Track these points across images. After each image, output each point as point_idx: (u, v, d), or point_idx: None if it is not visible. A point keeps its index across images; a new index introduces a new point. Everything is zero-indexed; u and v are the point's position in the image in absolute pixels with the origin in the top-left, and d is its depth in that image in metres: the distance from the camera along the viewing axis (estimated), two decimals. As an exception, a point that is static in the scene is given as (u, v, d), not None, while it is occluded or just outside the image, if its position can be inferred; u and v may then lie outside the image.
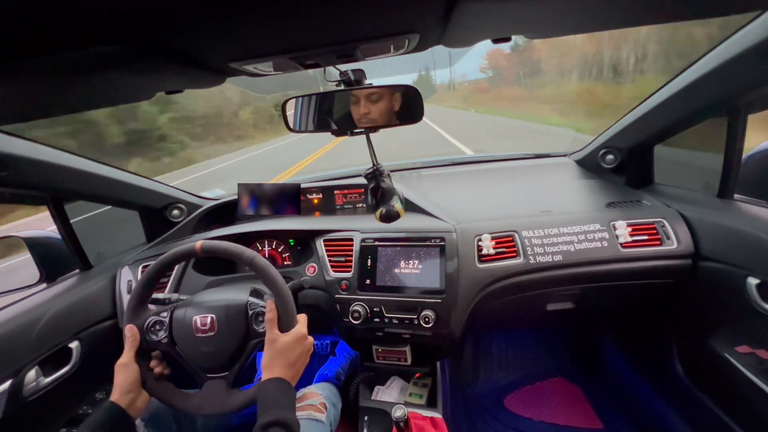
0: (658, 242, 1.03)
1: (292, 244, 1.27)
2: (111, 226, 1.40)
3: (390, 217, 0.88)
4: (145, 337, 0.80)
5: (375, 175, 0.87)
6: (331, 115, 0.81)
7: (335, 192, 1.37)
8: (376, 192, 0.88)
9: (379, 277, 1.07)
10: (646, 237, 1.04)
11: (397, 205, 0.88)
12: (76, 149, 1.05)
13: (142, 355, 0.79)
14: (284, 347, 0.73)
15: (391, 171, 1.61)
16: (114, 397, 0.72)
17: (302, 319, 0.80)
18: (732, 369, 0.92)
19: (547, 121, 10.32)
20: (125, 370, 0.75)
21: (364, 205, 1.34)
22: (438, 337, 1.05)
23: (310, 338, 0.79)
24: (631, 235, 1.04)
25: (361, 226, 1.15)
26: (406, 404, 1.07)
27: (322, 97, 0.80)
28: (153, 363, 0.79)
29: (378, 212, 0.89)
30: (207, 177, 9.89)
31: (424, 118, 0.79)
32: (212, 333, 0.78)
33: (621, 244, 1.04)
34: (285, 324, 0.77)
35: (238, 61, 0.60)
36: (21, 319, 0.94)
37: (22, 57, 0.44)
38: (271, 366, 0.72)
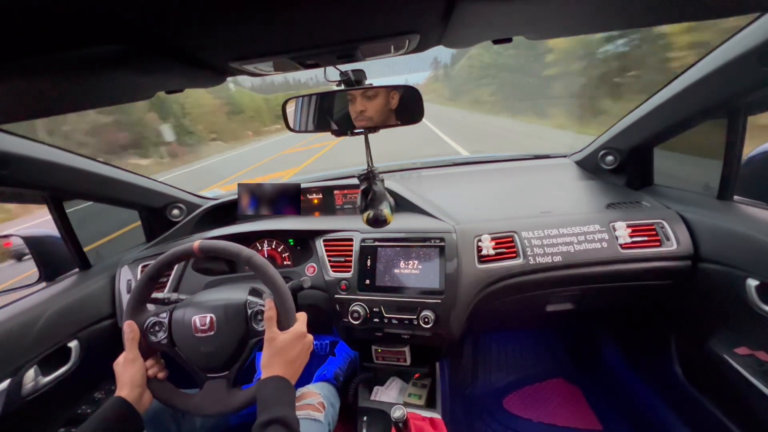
0: (658, 243, 1.03)
1: (291, 244, 1.27)
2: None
3: (377, 221, 0.88)
4: (145, 337, 0.80)
5: (368, 177, 0.87)
6: (331, 115, 0.81)
7: (335, 192, 1.37)
8: (366, 195, 0.88)
9: (379, 278, 1.07)
10: (645, 238, 1.04)
11: (386, 210, 0.88)
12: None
13: (142, 354, 0.79)
14: (283, 345, 0.73)
15: (391, 171, 1.64)
16: (122, 393, 0.72)
17: (302, 317, 0.80)
18: (731, 371, 0.92)
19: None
20: (132, 365, 0.75)
21: (364, 206, 1.34)
22: (437, 337, 1.05)
23: (310, 336, 0.79)
24: (631, 236, 1.04)
25: (361, 227, 1.15)
26: (405, 405, 1.07)
27: (322, 97, 0.80)
28: (149, 363, 0.79)
29: (365, 215, 0.89)
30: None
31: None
32: (212, 333, 0.78)
33: (621, 245, 1.04)
34: (284, 322, 0.77)
35: (238, 61, 0.60)
36: (20, 318, 0.94)
37: (23, 56, 0.44)
38: (270, 365, 0.72)
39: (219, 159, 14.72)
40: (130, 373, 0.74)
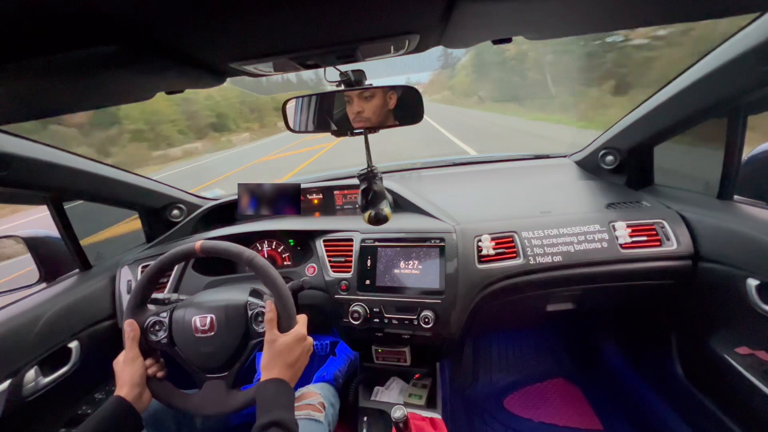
0: (658, 243, 1.03)
1: (291, 244, 1.27)
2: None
3: (378, 220, 0.90)
4: (145, 336, 0.80)
5: (368, 176, 0.87)
6: (330, 115, 0.81)
7: (335, 192, 1.37)
8: (367, 194, 0.88)
9: (379, 278, 1.07)
10: (645, 238, 1.04)
11: (386, 209, 0.90)
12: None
13: (142, 354, 0.79)
14: (283, 348, 0.73)
15: (391, 171, 1.64)
16: (122, 392, 0.72)
17: (302, 319, 0.80)
18: (732, 370, 0.92)
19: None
20: (131, 364, 0.75)
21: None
22: (437, 337, 1.05)
23: (310, 339, 0.79)
24: (631, 236, 1.04)
25: (361, 227, 1.15)
26: (406, 405, 1.07)
27: (322, 97, 0.80)
28: (149, 362, 0.79)
29: (367, 214, 0.90)
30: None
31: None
32: (212, 333, 0.78)
33: (621, 245, 1.04)
34: (284, 324, 0.77)
35: (238, 61, 0.60)
36: (20, 318, 0.94)
37: (23, 57, 0.44)
38: (270, 366, 0.72)
39: None
40: (129, 372, 0.74)
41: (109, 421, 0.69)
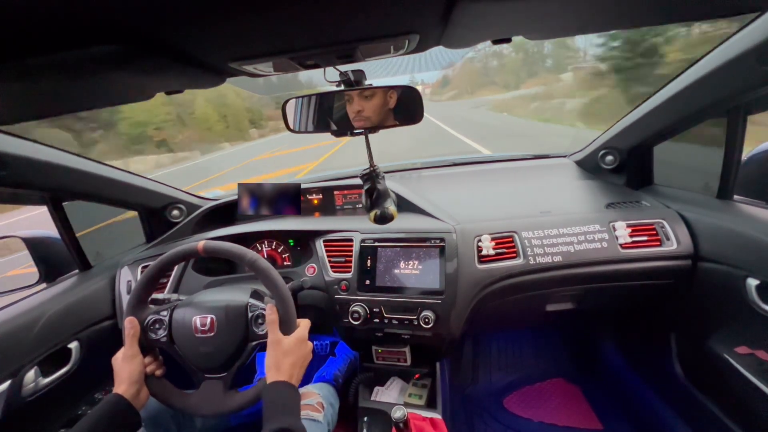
0: (658, 243, 1.03)
1: (291, 244, 1.27)
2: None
3: (384, 219, 0.89)
4: (145, 334, 0.80)
5: (371, 176, 0.87)
6: (330, 115, 0.81)
7: (335, 192, 1.37)
8: (371, 193, 0.88)
9: (379, 278, 1.07)
10: (645, 238, 1.04)
11: (391, 207, 0.89)
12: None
13: (141, 351, 0.79)
14: (289, 348, 0.73)
15: (392, 171, 1.64)
16: (120, 389, 0.72)
17: (303, 323, 0.80)
18: (731, 370, 0.92)
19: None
20: (130, 362, 0.75)
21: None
22: (437, 337, 1.05)
23: (310, 344, 0.79)
24: (631, 236, 1.04)
25: (360, 227, 1.15)
26: (406, 405, 1.07)
27: (322, 97, 0.80)
28: (147, 360, 0.79)
29: (372, 214, 0.90)
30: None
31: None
32: (212, 333, 0.78)
33: (620, 245, 1.04)
34: (286, 327, 0.77)
35: (238, 61, 0.60)
36: (20, 319, 0.94)
37: (22, 57, 0.44)
38: (277, 367, 0.72)
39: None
40: (128, 370, 0.74)
41: (108, 418, 0.69)
